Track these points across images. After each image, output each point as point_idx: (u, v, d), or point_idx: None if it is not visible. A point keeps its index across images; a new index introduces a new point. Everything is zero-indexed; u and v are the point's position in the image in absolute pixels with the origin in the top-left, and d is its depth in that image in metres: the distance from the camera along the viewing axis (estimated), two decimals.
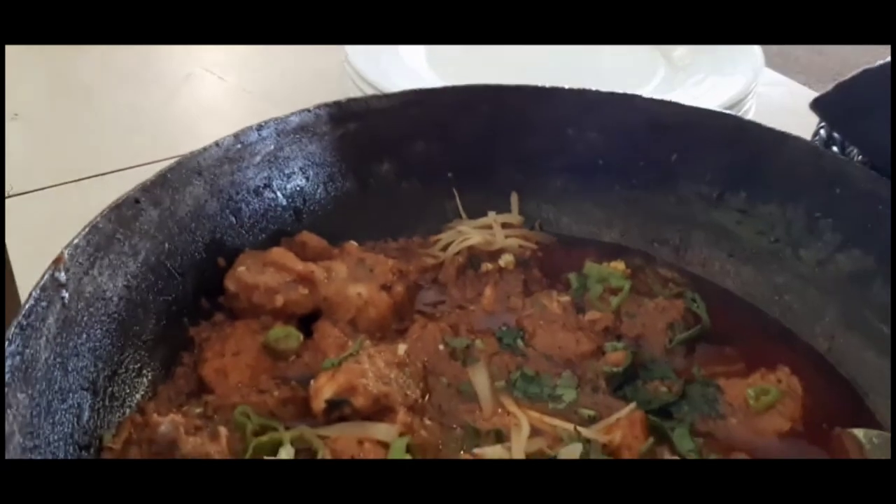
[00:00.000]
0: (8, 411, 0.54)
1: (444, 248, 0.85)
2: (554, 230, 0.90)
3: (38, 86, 1.45)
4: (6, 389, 0.55)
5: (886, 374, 0.72)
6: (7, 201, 1.14)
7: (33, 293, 0.60)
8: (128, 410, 0.67)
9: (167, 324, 0.73)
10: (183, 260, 0.75)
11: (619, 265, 0.84)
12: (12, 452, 0.53)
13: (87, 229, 0.67)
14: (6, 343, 0.56)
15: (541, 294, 0.81)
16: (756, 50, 1.25)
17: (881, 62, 0.74)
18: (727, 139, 0.84)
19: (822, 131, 0.88)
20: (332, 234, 0.84)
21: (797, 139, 0.81)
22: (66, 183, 1.17)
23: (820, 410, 0.71)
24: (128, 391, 0.68)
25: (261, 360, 0.71)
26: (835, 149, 0.84)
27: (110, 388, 0.66)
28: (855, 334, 0.76)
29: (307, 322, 0.76)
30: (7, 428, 0.54)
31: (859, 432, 0.68)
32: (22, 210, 1.12)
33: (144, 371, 0.70)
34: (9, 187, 1.16)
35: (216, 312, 0.77)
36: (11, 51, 1.45)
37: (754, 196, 0.84)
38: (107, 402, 0.65)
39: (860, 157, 0.81)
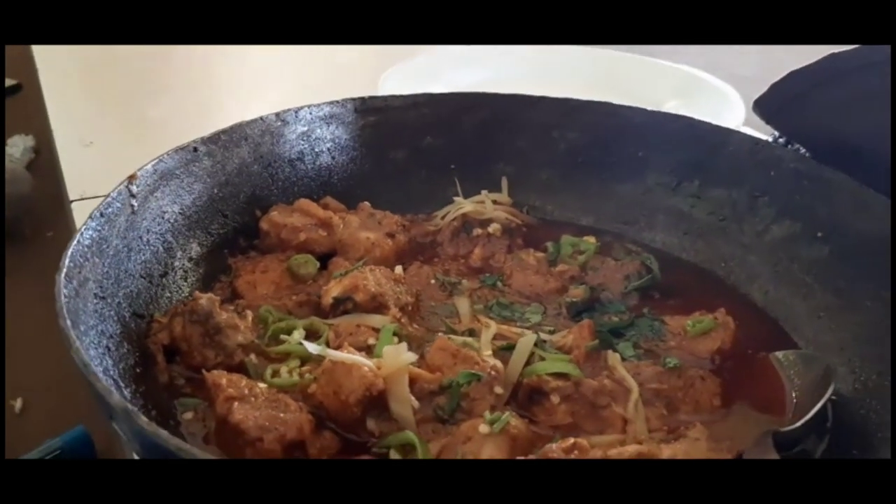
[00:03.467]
0: (86, 264, 0.71)
1: (443, 218, 1.01)
2: (539, 215, 1.06)
3: (112, 120, 1.67)
4: (86, 251, 0.71)
5: (808, 315, 0.85)
6: (81, 202, 1.34)
7: (112, 193, 0.78)
8: (175, 302, 0.82)
9: (210, 250, 0.90)
10: (228, 204, 0.93)
11: (591, 239, 0.99)
12: (86, 293, 0.69)
13: (155, 160, 0.85)
14: (89, 219, 0.74)
15: (520, 251, 0.96)
16: (739, 104, 1.41)
17: (807, 64, 0.91)
18: (683, 137, 1.00)
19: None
20: (350, 207, 1.00)
21: (739, 133, 0.97)
22: None
23: (749, 341, 0.84)
24: (175, 289, 0.84)
25: (284, 279, 0.87)
26: None
27: (162, 282, 0.82)
28: (785, 287, 0.89)
29: (324, 260, 0.92)
30: (83, 276, 0.70)
31: (779, 353, 0.81)
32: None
33: (189, 279, 0.86)
34: (81, 192, 1.36)
35: (251, 250, 0.93)
36: (93, 86, 1.70)
37: (706, 183, 0.99)
38: (159, 292, 0.82)
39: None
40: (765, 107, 0.93)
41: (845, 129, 0.86)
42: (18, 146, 1.53)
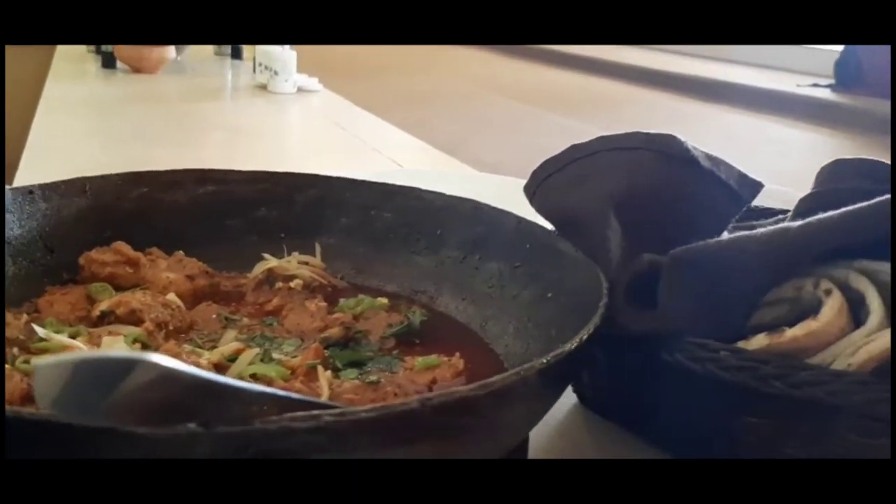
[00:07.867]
0: None
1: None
2: (351, 280, 1.19)
3: None
4: None
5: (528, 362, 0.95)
6: None
7: None
8: None
9: (31, 276, 1.04)
10: (57, 243, 1.08)
11: (384, 300, 1.11)
12: None
13: None
14: None
15: (305, 301, 1.08)
16: None
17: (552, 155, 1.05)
18: (470, 217, 1.15)
19: None
20: None
21: (510, 214, 1.11)
22: None
23: (475, 380, 0.93)
24: None
25: (81, 302, 1.01)
26: None
27: None
28: (520, 340, 1.00)
29: None
30: None
31: None
32: None
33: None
34: None
35: (70, 283, 1.08)
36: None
37: (483, 257, 1.12)
38: None
39: None
40: (527, 191, 1.07)
41: (568, 206, 0.99)
42: None
